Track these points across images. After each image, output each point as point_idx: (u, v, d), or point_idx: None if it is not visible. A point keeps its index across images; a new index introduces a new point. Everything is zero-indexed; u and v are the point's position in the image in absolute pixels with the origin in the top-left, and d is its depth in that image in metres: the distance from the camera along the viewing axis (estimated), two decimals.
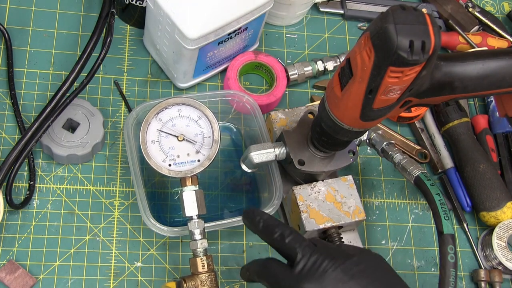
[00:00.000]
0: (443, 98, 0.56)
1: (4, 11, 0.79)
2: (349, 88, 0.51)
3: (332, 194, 0.67)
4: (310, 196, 0.66)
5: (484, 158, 0.79)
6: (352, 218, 0.66)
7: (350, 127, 0.56)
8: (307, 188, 0.67)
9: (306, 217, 0.65)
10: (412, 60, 0.46)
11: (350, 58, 0.50)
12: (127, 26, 0.82)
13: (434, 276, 0.76)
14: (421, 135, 0.83)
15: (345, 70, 0.51)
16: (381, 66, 0.47)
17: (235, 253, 0.72)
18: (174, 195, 0.73)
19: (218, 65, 0.79)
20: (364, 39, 0.47)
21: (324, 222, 0.65)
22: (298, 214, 0.66)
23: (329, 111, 0.56)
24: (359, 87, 0.50)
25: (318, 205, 0.66)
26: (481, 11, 0.92)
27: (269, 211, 0.68)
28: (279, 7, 0.82)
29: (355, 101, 0.51)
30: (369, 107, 0.51)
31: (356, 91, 0.50)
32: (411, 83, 0.49)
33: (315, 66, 0.82)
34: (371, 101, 0.50)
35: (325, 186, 0.67)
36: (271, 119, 0.71)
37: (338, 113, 0.55)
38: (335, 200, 0.67)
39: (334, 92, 0.54)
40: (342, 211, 0.66)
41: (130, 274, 0.69)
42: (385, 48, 0.46)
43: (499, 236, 0.76)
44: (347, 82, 0.51)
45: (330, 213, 0.66)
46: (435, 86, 0.53)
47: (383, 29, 0.45)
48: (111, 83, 0.78)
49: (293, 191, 0.66)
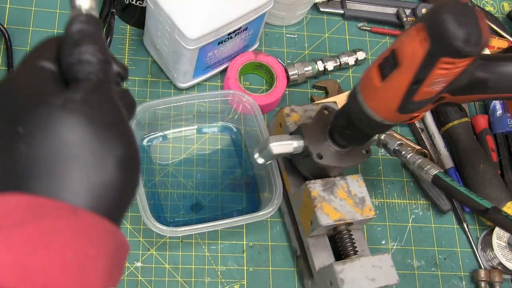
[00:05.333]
0: (473, 97, 0.57)
1: (4, 11, 0.79)
2: (393, 78, 0.52)
3: (344, 190, 0.67)
4: (323, 192, 0.66)
5: (484, 158, 0.79)
6: (363, 215, 0.66)
7: (383, 119, 0.56)
8: (321, 183, 0.67)
9: (320, 212, 0.65)
10: (467, 52, 0.46)
11: (397, 49, 0.51)
12: (127, 26, 0.82)
13: (434, 276, 0.76)
14: (421, 135, 0.83)
15: (389, 61, 0.52)
16: (434, 56, 0.48)
17: (235, 253, 0.72)
18: (174, 195, 0.73)
19: (218, 65, 0.79)
20: (416, 29, 0.48)
21: (337, 218, 0.65)
22: (311, 208, 0.66)
23: (363, 103, 0.56)
24: (405, 77, 0.51)
25: (331, 200, 0.66)
26: (481, 11, 0.92)
27: (269, 211, 0.68)
28: (279, 7, 0.82)
29: (397, 92, 0.52)
30: (410, 99, 0.52)
31: (401, 81, 0.51)
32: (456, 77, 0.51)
33: (315, 66, 0.82)
34: (414, 92, 0.51)
35: (337, 182, 0.67)
36: (284, 114, 0.70)
37: (374, 105, 0.55)
38: (347, 197, 0.67)
39: (372, 83, 0.54)
40: (353, 208, 0.66)
41: (130, 274, 0.69)
42: (442, 38, 0.46)
43: (499, 236, 0.76)
44: (390, 73, 0.52)
45: (342, 209, 0.66)
46: (471, 84, 0.54)
47: (441, 19, 0.46)
48: None
49: (307, 185, 0.66)
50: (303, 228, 0.69)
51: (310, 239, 0.68)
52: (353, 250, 0.66)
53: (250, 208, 0.74)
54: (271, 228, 0.75)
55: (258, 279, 0.72)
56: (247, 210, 0.74)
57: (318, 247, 0.68)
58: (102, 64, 0.36)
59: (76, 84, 0.35)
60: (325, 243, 0.68)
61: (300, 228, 0.70)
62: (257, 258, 0.73)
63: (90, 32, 0.36)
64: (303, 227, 0.69)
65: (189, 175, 0.75)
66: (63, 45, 0.36)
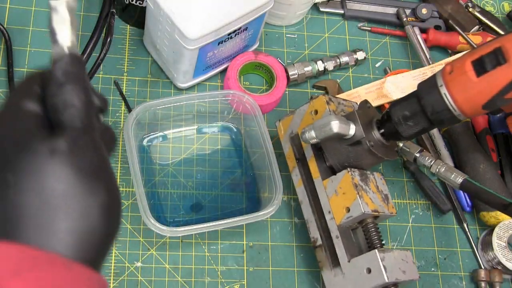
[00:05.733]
0: None
1: (4, 11, 0.79)
2: (494, 75, 0.54)
3: (374, 184, 0.68)
4: (361, 181, 0.67)
5: (484, 158, 0.79)
6: (389, 211, 0.67)
7: (461, 114, 0.58)
8: (358, 173, 0.67)
9: (362, 199, 0.65)
10: None
11: (503, 46, 0.54)
12: (127, 26, 0.82)
13: (434, 276, 0.76)
14: (421, 135, 0.83)
15: (490, 57, 0.55)
16: None
17: (235, 253, 0.72)
18: (174, 195, 0.73)
19: (218, 65, 0.79)
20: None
21: (374, 208, 0.66)
22: (352, 195, 0.66)
23: (447, 95, 0.58)
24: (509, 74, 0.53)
25: (367, 191, 0.67)
26: (481, 11, 0.92)
27: (269, 211, 0.68)
28: (279, 7, 0.82)
29: (494, 88, 0.55)
30: (502, 96, 0.55)
31: (503, 78, 0.54)
32: None
33: (315, 66, 0.82)
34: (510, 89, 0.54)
35: (369, 175, 0.68)
36: (324, 101, 0.69)
37: (462, 98, 0.57)
38: (377, 191, 0.67)
39: (467, 76, 0.56)
40: (382, 203, 0.67)
41: (130, 274, 0.69)
42: None
43: (499, 236, 0.76)
44: (493, 69, 0.54)
45: (375, 201, 0.67)
46: None
47: None
48: (111, 83, 0.78)
49: (348, 172, 0.66)
50: (333, 217, 0.68)
51: (340, 228, 0.67)
52: (380, 243, 0.66)
53: (250, 208, 0.74)
54: (271, 228, 0.75)
55: (258, 279, 0.72)
56: (247, 210, 0.74)
57: (346, 237, 0.68)
58: (86, 107, 0.37)
59: (61, 130, 0.35)
60: (350, 234, 0.69)
61: (329, 216, 0.69)
62: (257, 258, 0.73)
63: (73, 73, 0.37)
64: (333, 216, 0.68)
65: (189, 175, 0.75)
66: (48, 86, 0.37)
